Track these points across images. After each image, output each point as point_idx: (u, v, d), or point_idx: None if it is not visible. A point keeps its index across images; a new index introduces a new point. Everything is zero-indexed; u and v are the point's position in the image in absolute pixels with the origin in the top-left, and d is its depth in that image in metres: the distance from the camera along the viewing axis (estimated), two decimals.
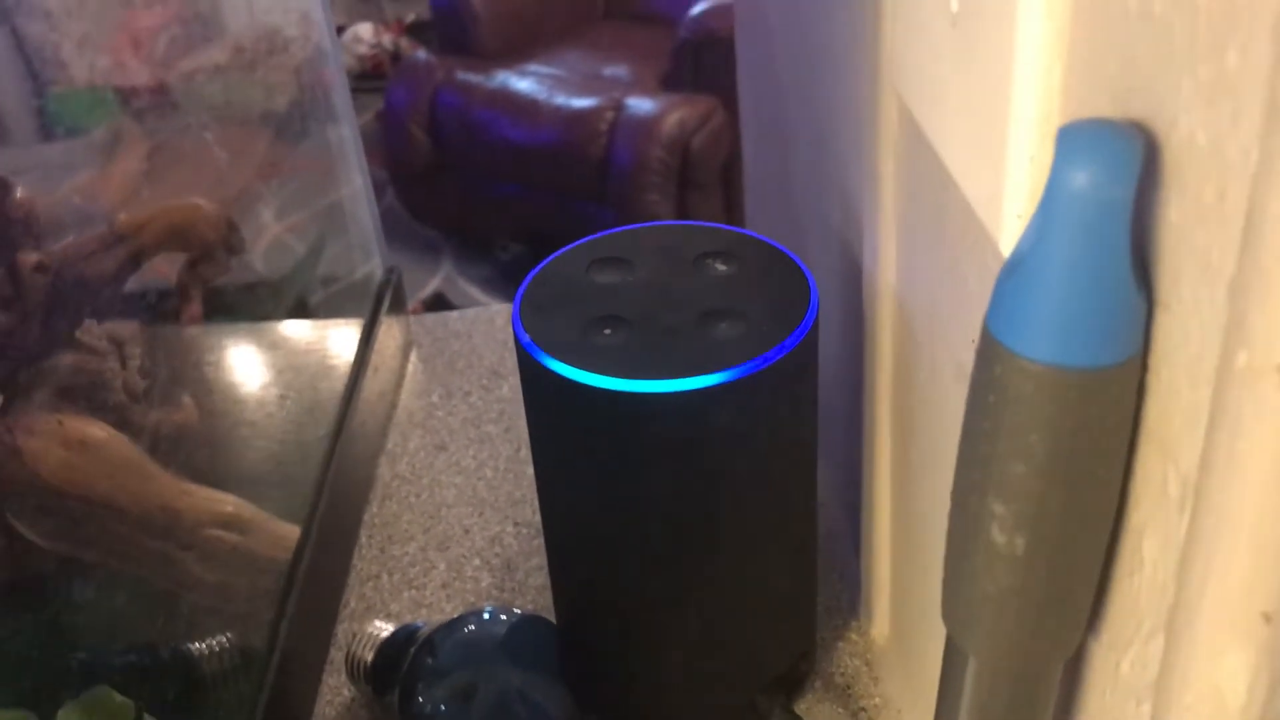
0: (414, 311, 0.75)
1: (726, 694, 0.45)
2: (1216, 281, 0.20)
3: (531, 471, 0.52)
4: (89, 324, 0.48)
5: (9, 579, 0.42)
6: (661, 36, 2.33)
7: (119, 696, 0.42)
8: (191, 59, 0.61)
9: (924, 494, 0.40)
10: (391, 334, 0.67)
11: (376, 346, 0.64)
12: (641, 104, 2.21)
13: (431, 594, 0.54)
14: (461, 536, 0.57)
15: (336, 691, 0.50)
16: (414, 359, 0.70)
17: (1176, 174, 0.21)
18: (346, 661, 0.48)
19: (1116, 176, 0.20)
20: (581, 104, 2.24)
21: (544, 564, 0.51)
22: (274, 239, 0.65)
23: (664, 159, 2.15)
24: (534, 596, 0.54)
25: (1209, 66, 0.19)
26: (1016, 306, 0.22)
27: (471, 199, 2.44)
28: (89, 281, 0.49)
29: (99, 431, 0.46)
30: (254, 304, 0.62)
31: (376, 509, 0.59)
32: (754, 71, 0.62)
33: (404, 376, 0.69)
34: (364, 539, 0.57)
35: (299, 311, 0.65)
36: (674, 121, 2.16)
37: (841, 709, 0.48)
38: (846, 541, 0.53)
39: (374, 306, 0.66)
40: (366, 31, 2.97)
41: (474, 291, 2.41)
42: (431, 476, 0.61)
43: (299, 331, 0.65)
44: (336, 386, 0.60)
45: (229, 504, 0.49)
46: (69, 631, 0.44)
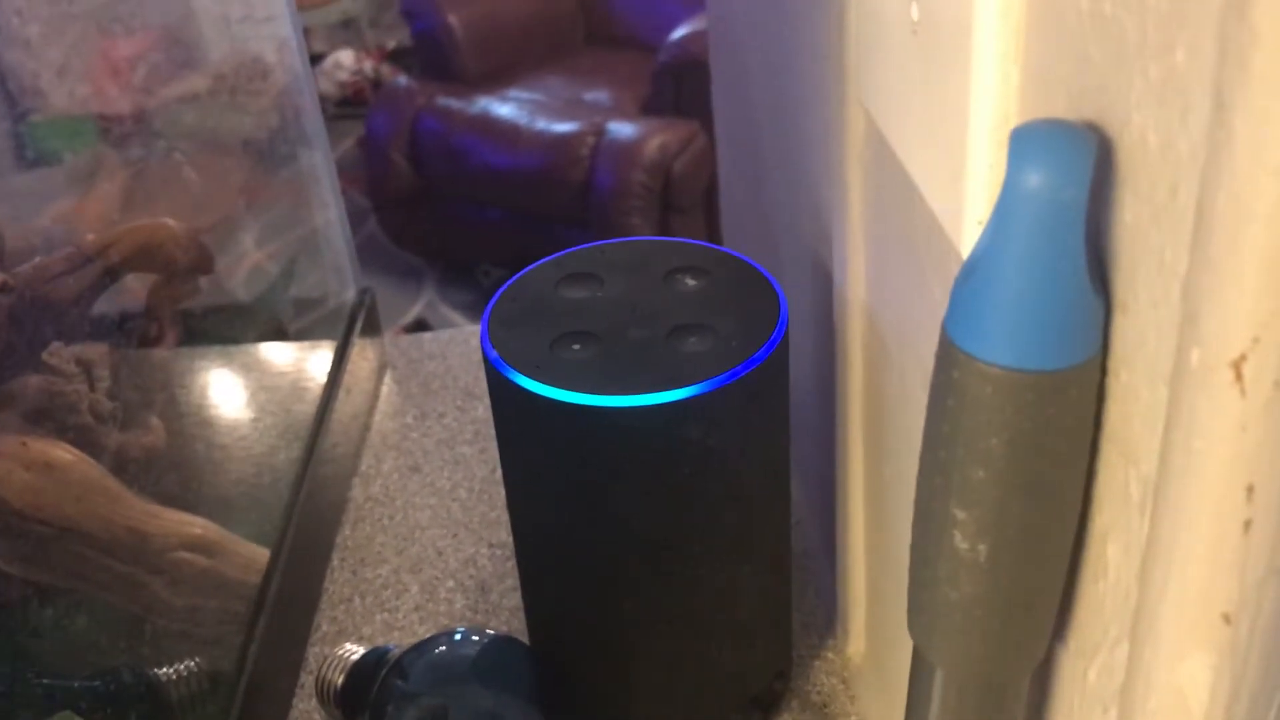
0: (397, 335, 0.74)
1: (701, 714, 0.44)
2: (1170, 280, 0.19)
3: None
4: (56, 346, 0.48)
5: None
6: (642, 61, 2.34)
7: None
8: (171, 86, 0.61)
9: (897, 508, 0.39)
10: (365, 356, 0.67)
11: (350, 368, 0.63)
12: (623, 129, 2.21)
13: (404, 617, 0.54)
14: (435, 558, 0.57)
15: (307, 716, 0.49)
16: (388, 380, 0.70)
17: (1130, 174, 0.20)
18: (316, 685, 0.47)
19: (1070, 177, 0.20)
20: (563, 129, 2.25)
21: (519, 585, 0.51)
22: (254, 265, 0.65)
23: (646, 183, 2.16)
24: (508, 618, 0.53)
25: (1159, 65, 0.19)
26: (973, 310, 0.22)
27: (453, 225, 2.44)
28: (55, 303, 0.49)
29: (64, 454, 0.46)
30: (225, 326, 0.61)
31: (349, 531, 0.59)
32: (727, 91, 0.62)
33: (378, 398, 0.68)
34: (336, 562, 0.57)
35: (271, 334, 0.64)
36: (656, 146, 2.17)
37: None
38: (823, 559, 0.53)
39: (347, 328, 0.66)
40: (347, 58, 2.98)
41: (456, 317, 2.41)
42: (405, 498, 0.61)
43: (271, 354, 0.64)
44: (308, 409, 0.60)
45: (197, 526, 0.49)
46: (33, 657, 0.43)
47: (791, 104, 0.46)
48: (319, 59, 2.95)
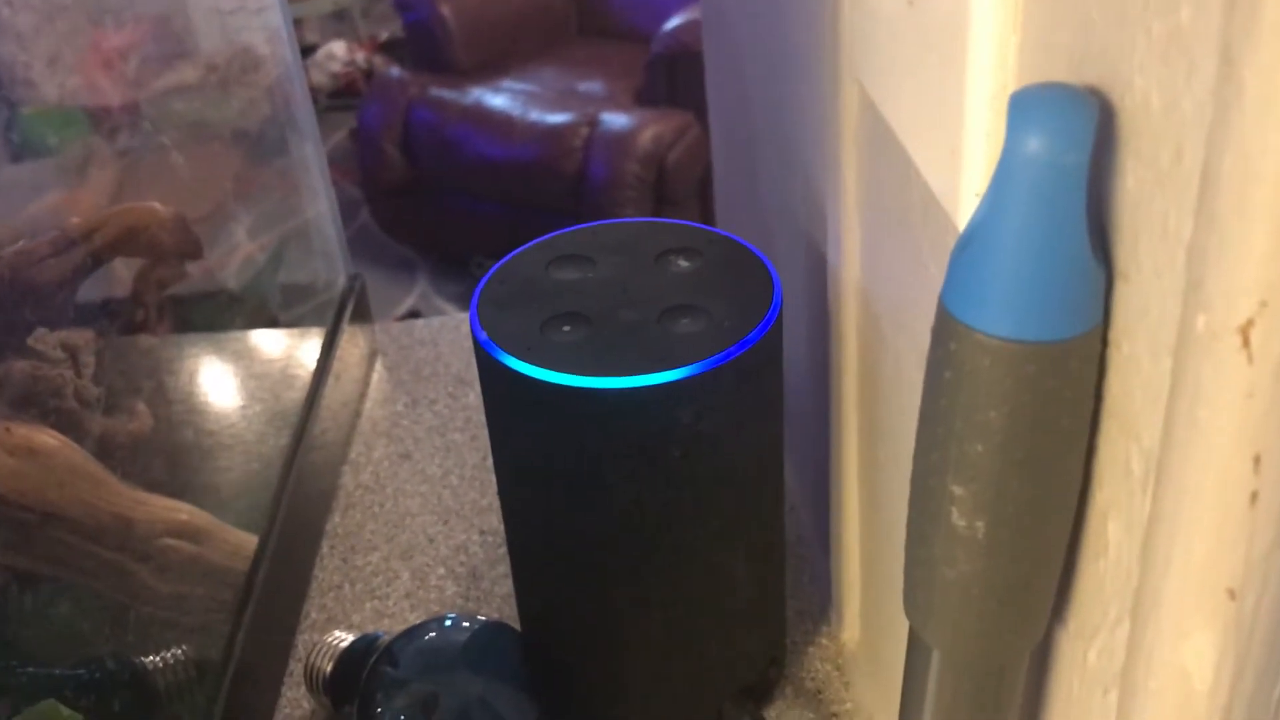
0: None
1: (694, 701, 0.44)
2: (1175, 247, 0.19)
3: None
4: (41, 331, 0.47)
5: None
6: (635, 52, 2.33)
7: (67, 711, 0.40)
8: (164, 78, 0.60)
9: (892, 492, 0.39)
10: (355, 342, 0.66)
11: (339, 355, 0.63)
12: (616, 119, 2.20)
13: (395, 604, 0.53)
14: (426, 545, 0.56)
15: (296, 704, 0.49)
16: (379, 367, 0.69)
17: (1133, 138, 0.20)
18: (305, 672, 0.46)
19: (1071, 141, 0.20)
20: (556, 120, 2.24)
21: (510, 572, 0.50)
22: (246, 255, 0.64)
23: (639, 174, 2.15)
24: (500, 605, 0.53)
25: (1163, 22, 0.18)
26: (971, 279, 0.21)
27: (446, 216, 2.43)
28: (40, 287, 0.48)
29: (48, 439, 0.45)
30: (213, 312, 0.61)
31: (339, 518, 0.58)
32: (720, 75, 0.61)
33: (368, 385, 0.68)
34: (326, 549, 0.56)
35: (259, 320, 0.64)
36: (649, 136, 2.16)
37: (812, 715, 0.47)
38: (817, 544, 0.52)
39: (336, 314, 0.65)
40: (340, 49, 2.96)
41: (449, 308, 2.40)
42: (396, 485, 0.60)
43: (259, 340, 0.64)
44: (298, 395, 0.59)
45: (184, 513, 0.48)
46: (16, 644, 0.42)
47: (784, 82, 0.45)
48: (311, 50, 2.94)
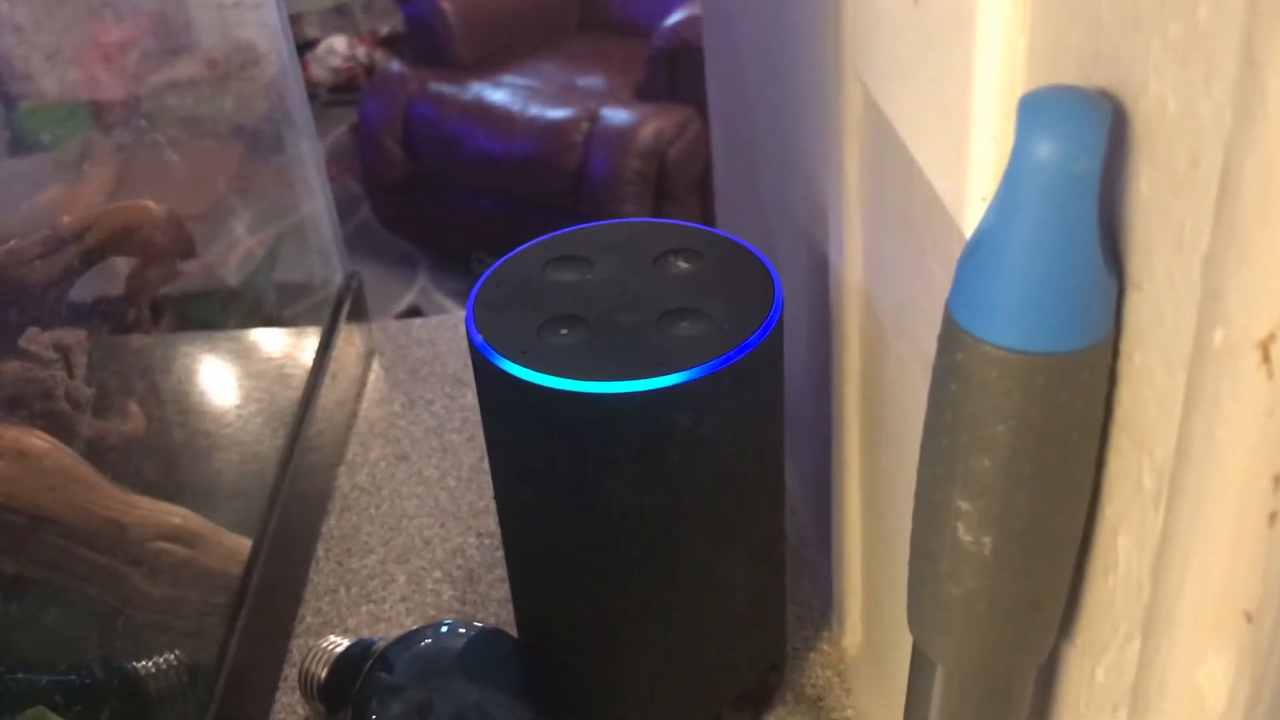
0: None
1: (693, 706, 0.43)
2: (1190, 256, 0.18)
3: None
4: (33, 331, 0.46)
5: None
6: (636, 47, 2.32)
7: (56, 717, 0.40)
8: (163, 72, 0.59)
9: (894, 497, 0.38)
10: (352, 341, 0.66)
11: (336, 354, 0.62)
12: (617, 114, 2.19)
13: (391, 608, 0.53)
14: (422, 548, 0.56)
15: (290, 710, 0.48)
16: (376, 367, 0.69)
17: (1146, 143, 0.19)
18: (299, 677, 0.46)
19: (1083, 146, 0.19)
20: (557, 115, 2.23)
21: (506, 575, 0.50)
22: (244, 252, 0.63)
23: (640, 169, 2.14)
24: (497, 609, 0.52)
25: (1180, 23, 0.18)
26: (978, 288, 0.21)
27: (446, 211, 2.42)
28: (31, 287, 0.47)
29: (39, 442, 0.45)
30: (208, 310, 0.60)
31: (335, 521, 0.57)
32: (721, 73, 0.60)
33: (365, 385, 0.67)
34: (321, 552, 0.56)
35: (255, 318, 0.63)
36: (650, 132, 2.15)
37: None
38: (817, 549, 0.52)
39: (333, 313, 0.64)
40: (340, 44, 2.95)
41: (449, 305, 2.39)
42: (392, 487, 0.59)
43: (255, 339, 0.63)
44: (293, 395, 0.58)
45: (177, 516, 0.47)
46: (5, 650, 0.42)
47: (786, 80, 0.44)
48: (312, 45, 2.93)
